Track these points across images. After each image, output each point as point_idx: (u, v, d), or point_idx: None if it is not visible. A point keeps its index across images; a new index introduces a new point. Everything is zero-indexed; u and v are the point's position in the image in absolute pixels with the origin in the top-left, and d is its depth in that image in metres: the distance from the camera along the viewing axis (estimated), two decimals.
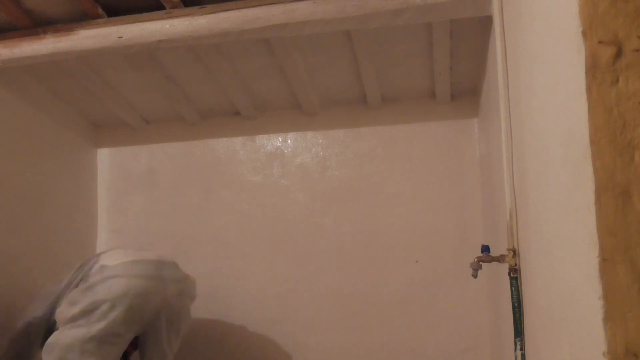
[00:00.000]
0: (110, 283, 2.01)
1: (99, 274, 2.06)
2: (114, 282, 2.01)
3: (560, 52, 0.91)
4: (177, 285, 2.21)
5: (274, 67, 2.52)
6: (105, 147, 3.15)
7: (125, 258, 2.13)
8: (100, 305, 1.97)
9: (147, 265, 2.12)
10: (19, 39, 2.18)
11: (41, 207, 2.69)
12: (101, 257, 2.18)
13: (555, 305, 1.04)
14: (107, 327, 1.96)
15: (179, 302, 2.23)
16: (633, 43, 0.76)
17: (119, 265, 2.08)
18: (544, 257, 1.14)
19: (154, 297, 2.08)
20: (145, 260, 2.15)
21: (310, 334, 2.76)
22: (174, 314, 2.21)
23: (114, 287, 2.00)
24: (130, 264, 2.10)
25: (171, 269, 2.22)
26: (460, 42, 2.28)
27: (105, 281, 2.02)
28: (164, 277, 2.14)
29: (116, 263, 2.09)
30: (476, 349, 2.58)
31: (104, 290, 2.00)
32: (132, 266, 2.09)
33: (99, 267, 2.10)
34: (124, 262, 2.10)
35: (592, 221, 0.75)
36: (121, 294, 1.99)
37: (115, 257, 2.14)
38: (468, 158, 2.70)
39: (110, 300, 1.98)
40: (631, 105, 0.76)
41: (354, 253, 2.76)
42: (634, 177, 0.74)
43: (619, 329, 0.72)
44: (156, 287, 2.09)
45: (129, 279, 2.03)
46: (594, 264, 0.75)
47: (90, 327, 1.95)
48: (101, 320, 1.96)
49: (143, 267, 2.10)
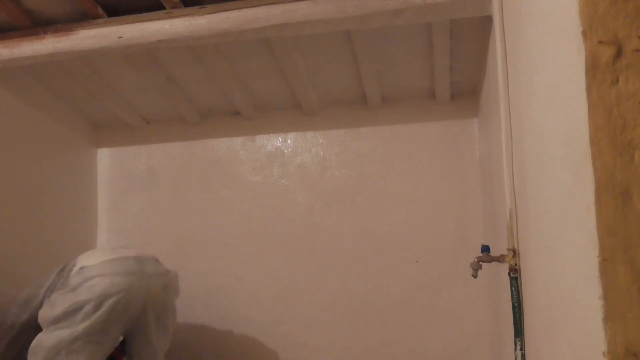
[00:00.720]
0: (91, 283, 2.00)
1: (78, 276, 2.05)
2: (96, 282, 2.00)
3: (560, 52, 0.91)
4: (160, 279, 2.19)
5: (274, 67, 2.52)
6: (105, 147, 3.15)
7: (104, 257, 2.12)
8: (84, 305, 1.97)
9: (127, 261, 2.11)
10: (19, 39, 2.18)
11: (41, 207, 2.70)
12: (79, 260, 2.17)
13: (555, 305, 1.04)
14: (92, 325, 1.95)
15: (163, 296, 2.22)
16: (633, 43, 0.76)
17: (99, 265, 2.07)
18: (544, 257, 1.14)
19: (137, 292, 2.07)
20: (125, 257, 2.14)
21: (310, 334, 2.76)
22: (161, 309, 2.20)
23: (96, 286, 1.99)
24: (110, 262, 2.09)
25: (152, 264, 2.21)
26: (460, 42, 2.28)
27: (86, 281, 2.01)
28: (146, 272, 2.13)
29: (95, 262, 2.08)
30: (476, 349, 2.58)
31: (86, 290, 1.99)
32: (112, 264, 2.08)
33: (79, 269, 2.08)
34: (103, 261, 2.09)
35: (592, 221, 0.75)
36: (104, 292, 1.98)
37: (94, 257, 2.14)
38: (468, 158, 2.70)
39: (93, 299, 1.97)
40: (631, 105, 0.75)
41: (354, 253, 2.76)
42: (634, 177, 0.74)
43: (619, 329, 0.72)
44: (139, 282, 2.08)
45: (110, 277, 2.02)
46: (594, 264, 0.75)
47: (74, 327, 1.95)
48: (85, 319, 1.95)
49: (123, 264, 2.09)
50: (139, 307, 2.09)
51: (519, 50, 1.38)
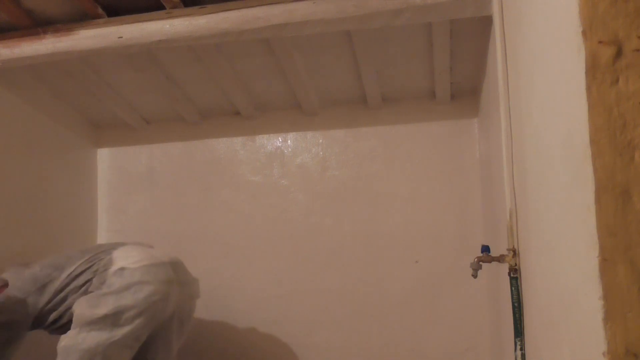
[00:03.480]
0: (136, 289, 1.99)
1: (119, 277, 2.02)
2: (140, 288, 1.99)
3: (560, 52, 0.91)
4: (189, 289, 2.23)
5: (274, 67, 2.52)
6: (105, 147, 3.15)
7: (143, 260, 2.10)
8: (127, 310, 1.95)
9: (166, 268, 2.11)
10: (19, 39, 2.18)
11: (41, 207, 2.69)
12: (115, 257, 2.13)
13: (555, 305, 1.04)
14: (131, 332, 1.95)
15: (189, 304, 2.25)
16: (633, 43, 0.76)
17: (141, 270, 2.05)
18: (544, 257, 1.14)
19: (172, 300, 2.09)
20: (163, 262, 2.13)
21: (311, 334, 2.76)
22: (185, 316, 2.22)
23: (139, 292, 1.98)
24: (151, 267, 2.08)
25: (182, 271, 2.23)
26: (460, 42, 2.28)
27: (130, 286, 1.99)
28: (180, 281, 2.15)
29: (136, 266, 2.06)
30: (476, 349, 2.58)
31: (130, 296, 1.97)
32: (154, 270, 2.07)
33: (118, 270, 2.05)
34: (144, 265, 2.07)
35: (592, 221, 0.75)
36: (148, 300, 1.98)
37: (131, 258, 2.11)
38: (468, 158, 2.70)
39: (137, 306, 1.96)
40: (631, 105, 0.75)
41: (354, 253, 2.76)
42: (634, 177, 0.74)
43: (619, 329, 0.72)
44: (175, 291, 2.10)
45: (154, 285, 2.01)
46: (594, 264, 0.75)
47: (114, 332, 1.93)
48: (126, 325, 1.94)
49: (164, 271, 2.09)
50: (168, 314, 2.11)
51: (519, 50, 1.38)
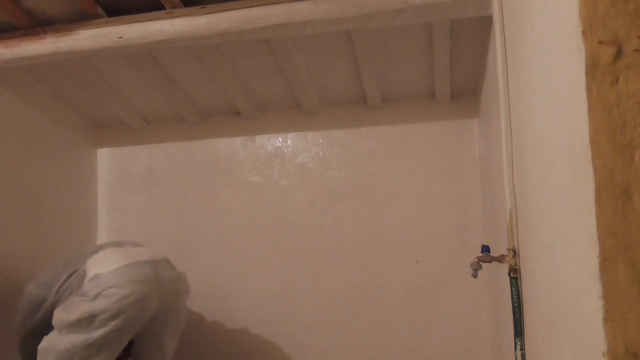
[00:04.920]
0: (108, 293, 1.98)
1: (93, 284, 2.02)
2: (112, 292, 1.98)
3: (560, 52, 0.91)
4: (173, 286, 2.19)
5: (274, 67, 2.52)
6: (105, 147, 3.15)
7: (117, 262, 2.08)
8: (100, 314, 1.95)
9: (142, 268, 2.08)
10: (19, 39, 2.18)
11: (41, 207, 2.69)
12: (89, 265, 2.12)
13: (555, 305, 1.04)
14: (107, 333, 1.95)
15: (176, 302, 2.21)
16: (633, 43, 0.76)
17: (113, 273, 2.03)
18: (544, 257, 1.14)
19: (152, 300, 2.06)
20: (139, 262, 2.10)
21: (310, 334, 2.76)
22: (172, 314, 2.20)
23: (112, 296, 1.97)
24: (124, 269, 2.05)
25: (166, 268, 2.20)
26: (460, 42, 2.28)
27: (102, 291, 1.98)
28: (160, 279, 2.11)
29: (109, 270, 2.04)
30: (476, 349, 2.58)
31: (103, 300, 1.97)
32: (127, 271, 2.04)
33: (93, 278, 2.04)
34: (117, 267, 2.05)
35: (592, 221, 0.75)
36: (121, 302, 1.97)
37: (104, 263, 2.09)
38: (468, 158, 2.70)
39: (109, 309, 1.95)
40: (631, 105, 0.75)
41: (354, 253, 2.76)
42: (634, 177, 0.74)
43: (619, 329, 0.72)
44: (154, 290, 2.07)
45: (127, 287, 1.99)
46: (594, 264, 0.75)
47: (90, 334, 1.94)
48: (101, 327, 1.95)
49: (139, 271, 2.06)
50: (152, 313, 2.09)
51: (519, 50, 1.38)
